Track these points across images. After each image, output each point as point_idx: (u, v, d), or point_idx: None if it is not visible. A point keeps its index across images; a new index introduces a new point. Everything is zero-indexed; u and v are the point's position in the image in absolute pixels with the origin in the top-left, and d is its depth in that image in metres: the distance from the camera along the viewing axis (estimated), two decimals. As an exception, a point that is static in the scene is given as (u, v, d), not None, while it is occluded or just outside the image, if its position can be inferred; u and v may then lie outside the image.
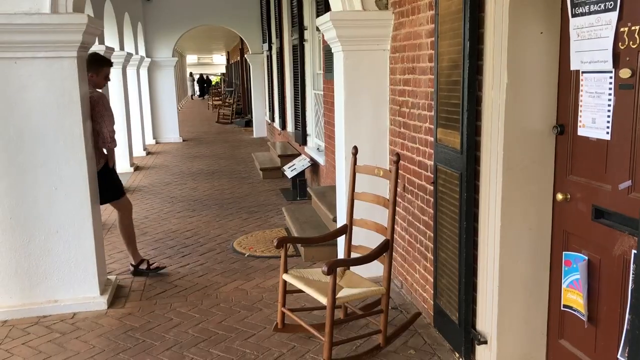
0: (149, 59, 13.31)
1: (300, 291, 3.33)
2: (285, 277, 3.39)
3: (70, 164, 3.90)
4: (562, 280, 2.66)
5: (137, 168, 10.41)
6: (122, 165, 9.69)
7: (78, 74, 3.86)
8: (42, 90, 3.80)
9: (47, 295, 4.01)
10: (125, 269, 4.92)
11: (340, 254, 4.54)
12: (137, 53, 12.01)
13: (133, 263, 4.79)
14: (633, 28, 2.16)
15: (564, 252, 2.67)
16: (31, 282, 3.98)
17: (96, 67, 4.42)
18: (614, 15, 2.22)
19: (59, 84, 3.82)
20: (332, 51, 4.51)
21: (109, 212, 7.15)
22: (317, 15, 6.15)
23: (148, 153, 12.33)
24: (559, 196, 2.68)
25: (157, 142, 13.99)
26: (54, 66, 3.79)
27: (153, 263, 4.88)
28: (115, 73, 9.48)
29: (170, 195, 8.14)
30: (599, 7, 2.29)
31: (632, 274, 2.09)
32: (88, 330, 3.74)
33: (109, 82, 8.27)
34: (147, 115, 13.32)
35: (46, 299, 4.01)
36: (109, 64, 4.57)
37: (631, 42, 2.17)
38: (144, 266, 4.78)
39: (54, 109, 3.83)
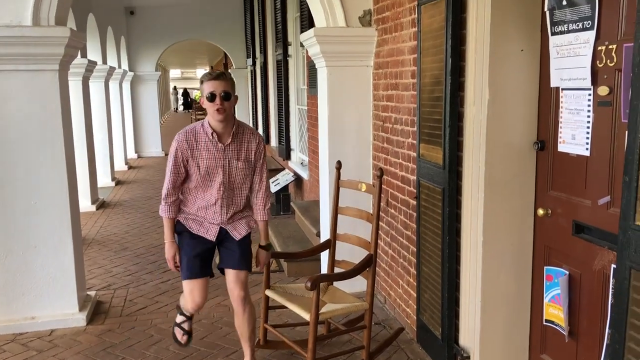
0: (132, 73, 13.25)
1: (283, 307, 3.31)
2: (268, 292, 3.37)
3: (51, 177, 3.85)
4: (544, 295, 2.68)
5: (118, 182, 10.31)
6: (102, 180, 9.59)
7: (60, 86, 3.82)
8: (23, 103, 3.75)
9: (24, 312, 3.92)
10: (105, 285, 4.84)
11: (324, 269, 4.53)
12: (120, 67, 11.96)
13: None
14: (610, 47, 2.21)
15: (545, 267, 2.69)
16: (8, 298, 3.89)
17: None
18: (591, 34, 2.27)
19: (41, 97, 3.78)
20: (316, 67, 4.53)
21: (89, 226, 7.07)
22: (301, 31, 6.18)
23: (130, 167, 12.22)
24: (540, 211, 2.71)
25: (139, 156, 13.88)
26: (36, 79, 3.76)
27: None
28: (97, 87, 9.43)
29: (152, 209, 8.06)
30: (578, 26, 2.34)
31: (612, 288, 2.11)
32: (66, 348, 3.66)
33: (90, 96, 8.26)
34: (129, 129, 13.23)
35: (23, 315, 3.92)
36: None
37: (608, 61, 2.22)
38: None
39: (35, 122, 3.78)
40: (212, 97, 2.89)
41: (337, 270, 3.51)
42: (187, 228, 3.09)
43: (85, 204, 7.76)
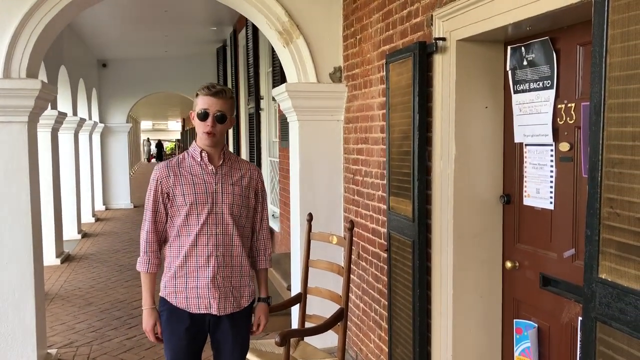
0: (103, 125, 13.20)
1: (253, 363, 3.22)
2: (238, 348, 3.28)
3: (14, 231, 3.75)
4: (514, 348, 2.68)
5: (85, 235, 10.08)
6: (69, 232, 9.36)
7: (28, 139, 3.78)
8: (-12, 155, 3.70)
9: (-21, 372, 3.74)
10: (67, 342, 4.66)
11: (295, 324, 4.45)
12: (90, 118, 11.90)
13: None
14: (569, 105, 2.31)
15: (514, 320, 2.70)
16: (-37, 358, 3.72)
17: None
18: (551, 93, 2.37)
19: (7, 149, 3.73)
20: (288, 120, 4.60)
21: (52, 281, 6.85)
22: (274, 86, 6.30)
23: (97, 219, 11.99)
24: (508, 264, 2.74)
25: (107, 208, 13.64)
26: (3, 131, 3.72)
27: None
28: (66, 138, 9.34)
29: (118, 263, 7.87)
30: (538, 85, 2.45)
31: (580, 341, 2.13)
32: (23, 410, 3.49)
33: (59, 147, 8.17)
34: (97, 181, 13.05)
35: (-22, 376, 3.74)
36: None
37: (568, 118, 2.32)
38: None
39: (0, 174, 3.72)
40: (204, 116, 2.41)
41: (308, 324, 3.45)
42: (173, 305, 2.51)
43: (50, 257, 7.55)
